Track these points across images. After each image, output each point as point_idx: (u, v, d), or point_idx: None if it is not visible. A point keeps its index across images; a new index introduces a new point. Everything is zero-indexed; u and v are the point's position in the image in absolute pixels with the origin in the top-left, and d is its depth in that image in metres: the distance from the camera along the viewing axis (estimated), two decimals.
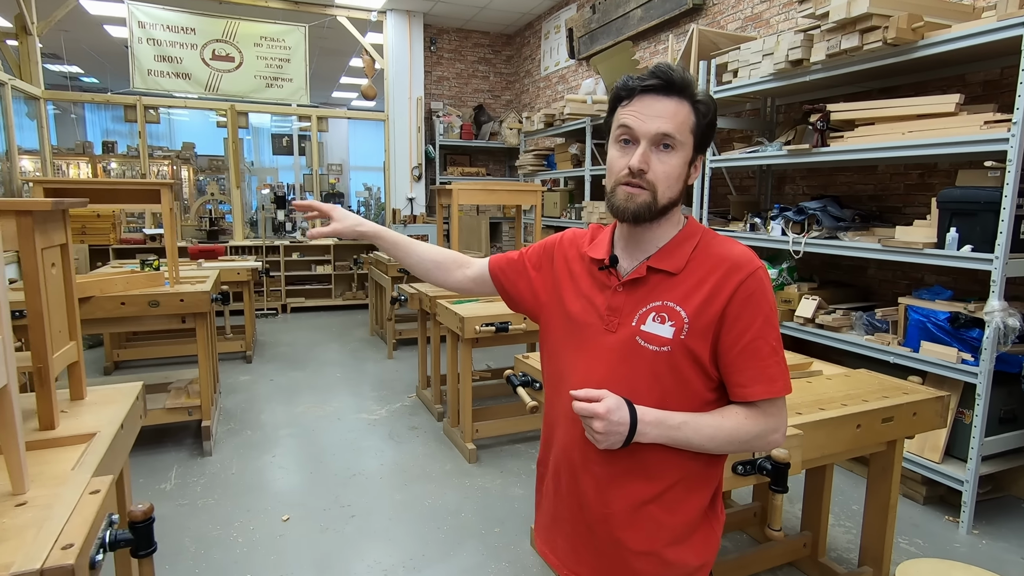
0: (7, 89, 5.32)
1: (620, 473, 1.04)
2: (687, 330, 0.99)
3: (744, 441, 1.02)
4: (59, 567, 0.92)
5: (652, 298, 1.03)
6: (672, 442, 1.00)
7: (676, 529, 1.06)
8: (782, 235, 3.35)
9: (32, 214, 1.38)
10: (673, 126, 0.98)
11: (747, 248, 1.05)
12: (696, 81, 3.74)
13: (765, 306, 1.00)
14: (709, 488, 1.09)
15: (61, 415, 1.53)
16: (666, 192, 1.01)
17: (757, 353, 0.99)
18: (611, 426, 0.95)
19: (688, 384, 1.01)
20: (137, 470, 3.01)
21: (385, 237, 1.29)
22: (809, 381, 1.98)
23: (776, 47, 3.26)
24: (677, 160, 1.00)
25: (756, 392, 1.00)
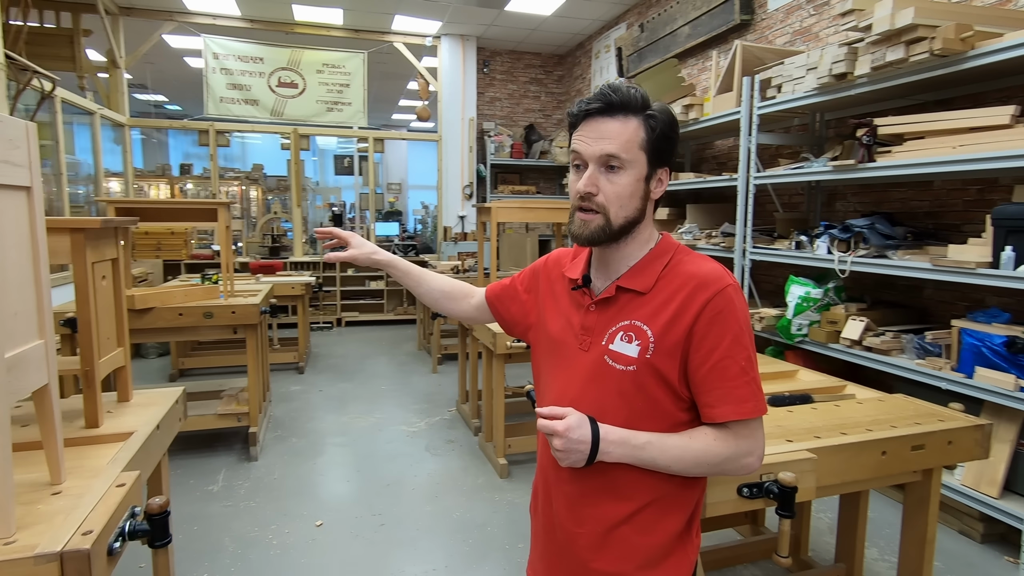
0: (96, 118, 5.83)
1: (590, 492, 1.04)
2: (652, 349, 0.99)
3: (713, 464, 0.99)
4: (76, 551, 1.02)
5: (621, 317, 1.03)
6: (637, 462, 0.99)
7: (648, 552, 1.04)
8: (827, 253, 3.23)
9: (84, 231, 1.53)
10: (617, 146, 0.98)
11: (719, 266, 1.03)
12: (740, 95, 3.70)
13: (734, 325, 0.98)
14: (684, 511, 1.07)
15: (107, 415, 1.67)
16: (620, 212, 1.00)
17: (725, 373, 0.97)
18: (571, 443, 0.95)
19: (657, 404, 1.00)
20: (189, 471, 3.20)
21: (398, 266, 1.33)
22: (837, 405, 1.91)
23: (820, 61, 3.18)
24: (627, 179, 0.99)
25: (724, 413, 0.98)
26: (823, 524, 2.76)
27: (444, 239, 7.70)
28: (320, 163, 14.57)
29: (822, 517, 2.82)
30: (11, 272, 1.11)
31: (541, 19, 6.91)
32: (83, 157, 6.60)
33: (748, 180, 3.77)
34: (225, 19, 6.86)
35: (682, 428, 1.02)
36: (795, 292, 3.40)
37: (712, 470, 1.00)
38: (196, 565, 2.37)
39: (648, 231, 1.08)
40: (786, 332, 3.44)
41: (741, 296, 1.00)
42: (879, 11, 2.72)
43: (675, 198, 5.00)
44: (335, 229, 1.34)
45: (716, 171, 5.01)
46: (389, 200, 12.59)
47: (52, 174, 5.25)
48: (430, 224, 10.49)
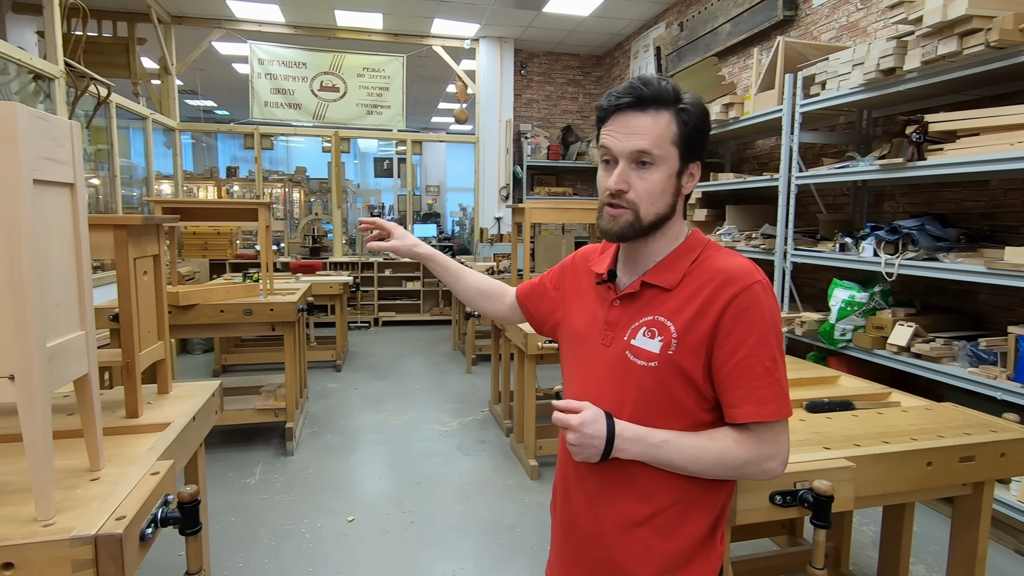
0: (148, 122, 6.08)
1: (608, 491, 1.02)
2: (675, 345, 0.97)
3: (733, 467, 0.96)
4: (109, 535, 1.05)
5: (644, 313, 1.02)
6: (654, 460, 0.97)
7: (669, 556, 1.00)
8: (873, 256, 3.11)
9: (127, 228, 1.58)
10: (649, 141, 0.95)
11: (747, 262, 1.00)
12: (782, 92, 3.60)
13: (760, 323, 0.94)
14: (708, 515, 1.03)
15: (146, 406, 1.73)
16: (650, 208, 0.99)
17: (748, 372, 0.94)
18: (584, 438, 0.94)
19: (678, 402, 0.98)
20: (228, 464, 3.29)
21: (438, 260, 1.33)
22: (879, 412, 1.83)
23: (867, 56, 3.06)
24: (659, 175, 0.97)
25: (744, 413, 0.95)
26: (866, 537, 2.65)
27: (480, 240, 7.74)
28: (361, 166, 14.85)
29: (865, 530, 2.71)
30: (54, 265, 1.15)
31: (579, 20, 6.88)
32: (137, 160, 6.89)
33: (790, 180, 3.66)
34: (270, 26, 7.06)
35: (704, 428, 0.99)
36: (838, 296, 3.28)
37: (732, 473, 0.97)
38: (232, 555, 2.43)
39: (678, 226, 1.06)
40: (828, 337, 3.32)
41: (770, 294, 0.97)
42: (930, 2, 2.61)
43: (714, 199, 4.90)
44: (378, 219, 1.34)
45: (757, 171, 4.88)
46: (427, 202, 12.73)
47: (108, 176, 5.49)
48: (467, 226, 10.56)
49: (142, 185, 6.77)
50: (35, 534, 1.04)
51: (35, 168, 1.07)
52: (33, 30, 6.14)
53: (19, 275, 1.04)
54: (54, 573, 1.03)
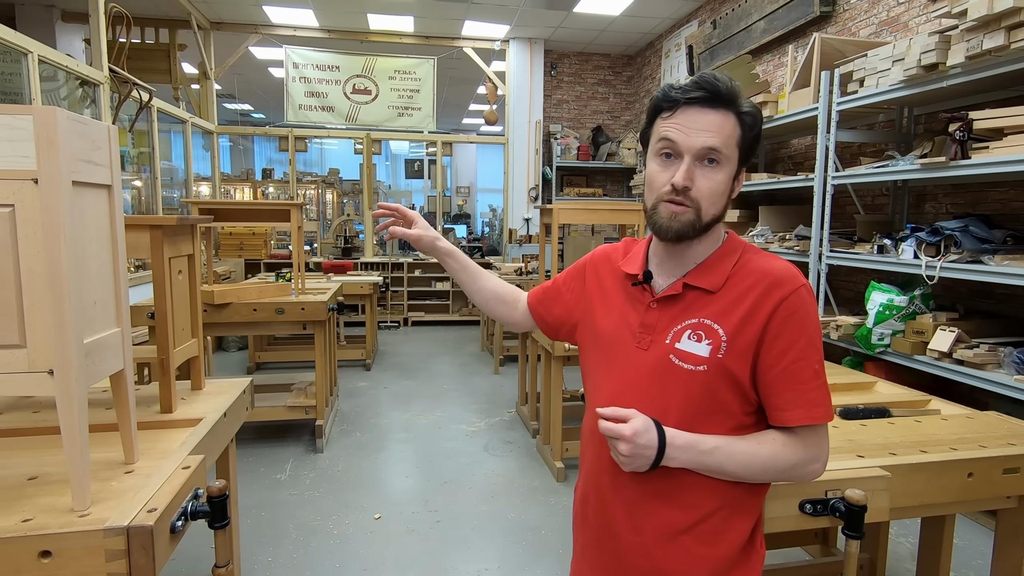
0: (188, 126, 6.26)
1: (651, 499, 1.00)
2: (725, 349, 0.95)
3: (781, 470, 0.96)
4: (141, 527, 1.08)
5: (688, 315, 0.99)
6: (703, 468, 0.96)
7: (714, 563, 0.99)
8: (913, 258, 3.00)
9: (162, 228, 1.63)
10: (720, 140, 0.94)
11: (790, 264, 0.99)
12: (818, 90, 3.51)
13: (809, 326, 0.95)
14: (749, 520, 1.02)
15: (180, 402, 1.77)
16: (710, 209, 0.97)
17: (798, 375, 0.94)
18: (637, 449, 0.92)
19: (724, 406, 0.97)
20: (260, 460, 3.36)
21: (457, 257, 1.29)
22: (918, 420, 1.76)
23: (907, 51, 2.97)
24: (722, 176, 0.96)
25: (795, 417, 0.94)
26: (903, 550, 2.56)
27: (509, 241, 7.75)
28: (392, 167, 15.02)
29: (903, 542, 2.62)
30: (92, 264, 1.19)
31: (610, 19, 6.83)
32: (177, 163, 7.10)
33: (826, 180, 3.57)
34: (305, 30, 7.20)
35: (746, 431, 0.98)
36: (876, 299, 3.18)
37: (778, 476, 0.97)
38: (262, 549, 2.48)
39: (721, 229, 1.05)
40: (865, 342, 3.22)
41: (813, 297, 0.98)
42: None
43: (747, 199, 4.81)
44: (399, 205, 1.30)
45: (791, 171, 4.78)
46: (458, 203, 12.81)
47: (149, 178, 5.68)
48: (497, 227, 10.59)
49: (182, 187, 6.97)
50: (71, 524, 1.08)
51: (74, 170, 1.10)
52: (80, 38, 6.39)
53: (58, 273, 1.07)
54: (88, 562, 1.06)
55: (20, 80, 3.84)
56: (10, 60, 3.98)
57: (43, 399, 1.76)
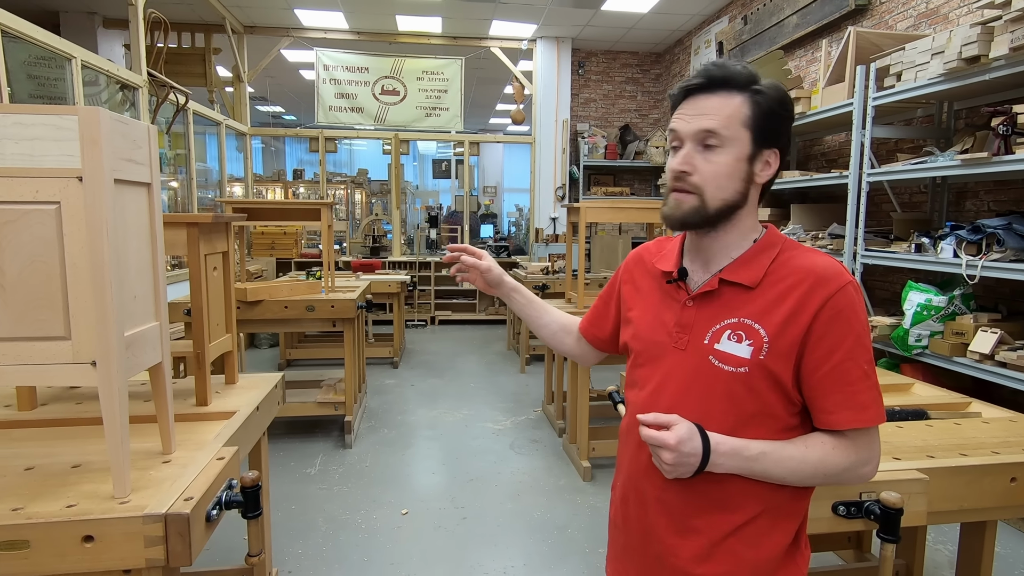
0: (222, 128, 6.41)
1: (694, 503, 0.97)
2: (767, 350, 0.92)
3: (831, 475, 0.93)
4: (178, 514, 1.11)
5: (726, 314, 0.96)
6: (749, 473, 0.93)
7: (758, 566, 0.97)
8: (953, 257, 2.91)
9: (198, 225, 1.67)
10: (717, 122, 0.92)
11: (835, 260, 0.95)
12: (853, 85, 3.43)
13: (857, 325, 0.90)
14: (794, 521, 0.99)
15: (215, 395, 1.82)
16: (716, 194, 0.94)
17: (845, 376, 0.90)
18: (681, 457, 0.89)
19: (768, 408, 0.94)
20: (290, 454, 3.43)
21: (523, 292, 1.30)
22: (957, 423, 1.71)
23: (947, 44, 2.88)
24: (726, 158, 0.93)
25: (843, 420, 0.91)
26: (942, 557, 2.49)
27: (536, 240, 7.74)
28: (420, 168, 15.15)
29: (940, 549, 2.54)
30: (132, 259, 1.23)
31: (638, 17, 6.78)
32: (212, 164, 7.27)
33: (861, 177, 3.48)
34: (335, 32, 7.30)
35: (791, 433, 0.95)
36: (914, 299, 3.10)
37: (828, 480, 0.94)
38: (292, 541, 2.53)
39: (751, 220, 1.00)
40: (902, 343, 3.14)
41: (860, 295, 0.93)
42: None
43: (778, 198, 4.72)
44: (465, 245, 1.30)
45: (824, 169, 4.67)
46: (484, 203, 12.85)
47: (185, 179, 5.83)
48: (523, 226, 10.59)
49: (216, 188, 7.14)
50: (112, 510, 1.12)
51: (116, 168, 1.14)
52: (120, 43, 6.60)
53: (101, 268, 1.11)
54: (128, 548, 1.10)
55: (64, 85, 3.99)
56: (54, 66, 4.13)
57: (86, 391, 1.82)
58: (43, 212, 1.09)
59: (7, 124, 1.07)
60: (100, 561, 1.09)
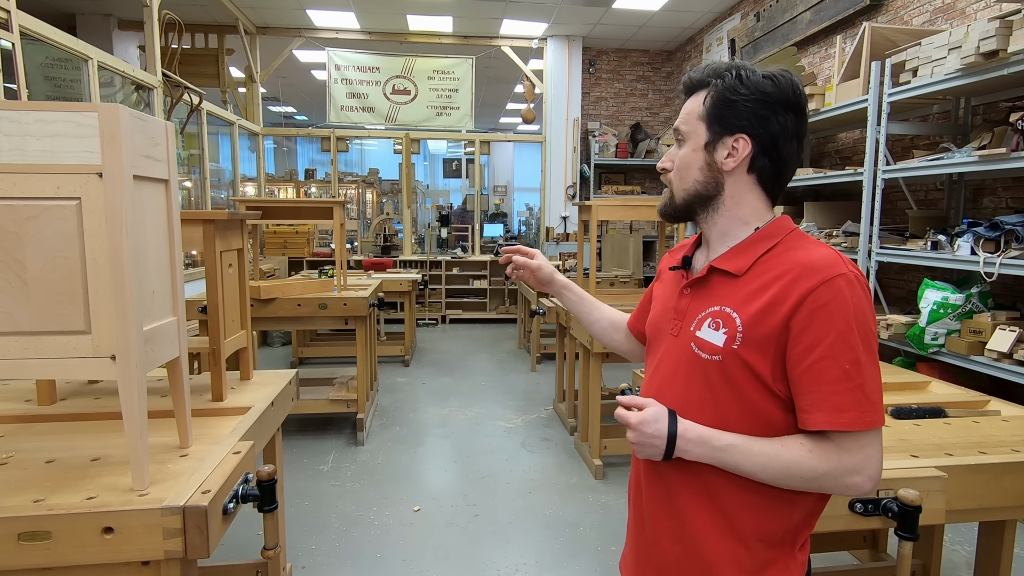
0: (235, 128, 6.46)
1: (681, 490, 0.98)
2: (740, 339, 0.90)
3: (808, 478, 0.88)
4: (196, 507, 1.12)
5: (711, 302, 0.97)
6: (719, 464, 0.92)
7: (741, 563, 0.95)
8: (971, 254, 2.88)
9: (214, 222, 1.69)
10: (681, 119, 1.00)
11: (833, 252, 0.91)
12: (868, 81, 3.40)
13: (840, 320, 0.85)
14: (784, 520, 0.94)
15: (230, 391, 1.83)
16: (680, 184, 1.01)
17: (822, 376, 0.85)
18: (644, 437, 0.92)
19: (746, 399, 0.92)
20: (303, 451, 3.45)
21: (574, 290, 1.33)
22: (976, 421, 1.69)
23: (965, 39, 2.84)
24: (685, 150, 1.00)
25: (817, 420, 0.86)
26: (959, 558, 2.46)
27: (546, 239, 7.74)
28: (430, 167, 15.18)
29: (958, 549, 2.51)
30: (151, 255, 1.24)
31: (649, 15, 6.75)
32: (225, 164, 7.33)
33: (876, 174, 3.45)
34: (347, 32, 7.34)
35: (781, 430, 0.92)
36: (930, 297, 3.06)
37: (806, 485, 0.89)
38: (305, 537, 2.55)
39: (746, 209, 0.98)
40: (918, 342, 3.10)
41: (856, 288, 0.87)
42: None
43: (791, 196, 4.69)
44: (519, 246, 1.34)
45: (838, 166, 4.63)
46: (495, 202, 12.86)
47: (199, 179, 5.88)
48: (534, 225, 10.58)
49: (229, 187, 7.20)
50: (131, 502, 1.13)
51: (135, 165, 1.16)
52: (135, 45, 6.67)
53: (121, 263, 1.13)
54: (148, 539, 1.11)
55: (80, 86, 4.03)
56: (71, 67, 4.19)
57: (104, 387, 1.85)
58: (64, 208, 1.11)
59: (29, 121, 1.08)
60: (120, 552, 1.11)
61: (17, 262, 1.12)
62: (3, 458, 1.33)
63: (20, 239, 1.11)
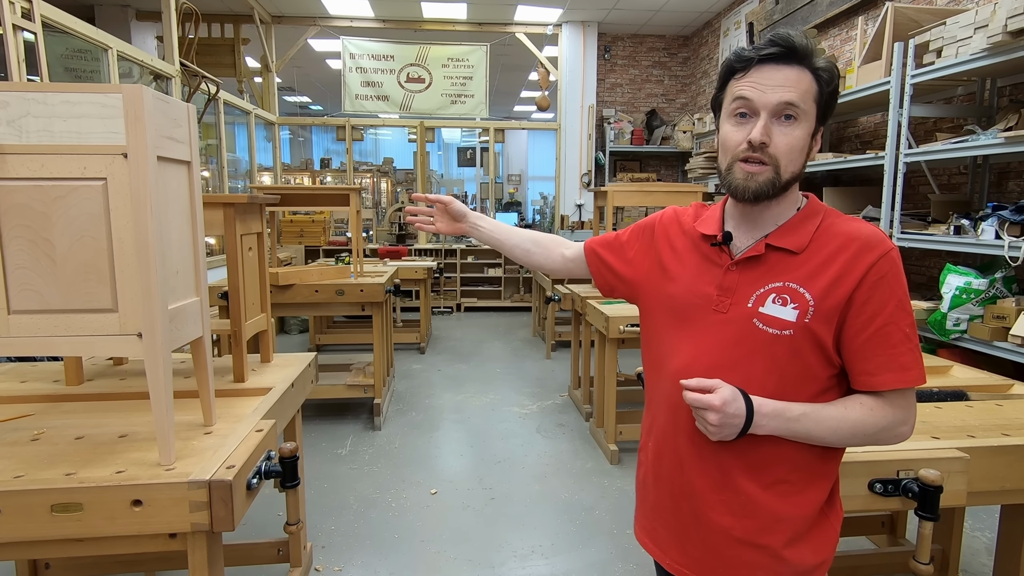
0: (251, 117, 6.50)
1: (732, 465, 1.00)
2: (812, 313, 0.94)
3: (870, 434, 0.96)
4: (221, 481, 1.15)
5: (771, 278, 0.98)
6: (791, 434, 0.96)
7: (792, 524, 0.99)
8: (995, 239, 2.82)
9: (234, 206, 1.71)
10: (796, 94, 0.92)
11: (876, 227, 0.97)
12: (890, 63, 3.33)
13: (899, 290, 0.94)
14: (826, 481, 1.02)
15: (251, 373, 1.87)
16: (789, 166, 0.95)
17: (888, 339, 0.93)
18: (726, 419, 0.92)
19: (809, 370, 0.96)
20: (322, 436, 3.50)
21: (487, 219, 1.30)
22: (999, 404, 1.67)
23: (992, 17, 2.77)
24: (800, 131, 0.94)
25: (886, 381, 0.94)
26: (980, 544, 2.44)
27: (561, 227, 7.72)
28: (445, 156, 15.18)
29: (978, 536, 2.49)
30: (174, 235, 1.27)
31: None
32: (241, 154, 7.39)
33: (897, 158, 3.39)
34: (361, 20, 7.33)
35: (829, 395, 0.98)
36: (952, 282, 3.02)
37: (867, 440, 0.97)
38: (325, 518, 2.59)
39: (798, 190, 1.03)
40: (939, 328, 3.06)
41: (901, 260, 0.96)
42: None
43: (810, 181, 4.62)
44: (428, 196, 1.29)
45: (859, 150, 4.55)
46: (509, 191, 12.83)
47: (216, 169, 5.94)
48: (548, 214, 10.54)
49: (245, 177, 7.26)
50: (159, 476, 1.16)
51: (158, 146, 1.17)
52: (152, 35, 6.72)
53: (146, 243, 1.15)
54: (174, 512, 1.14)
55: (99, 77, 4.08)
56: (90, 58, 4.23)
57: (130, 368, 1.89)
58: (91, 188, 1.13)
59: (56, 103, 1.10)
60: (148, 524, 1.14)
61: (46, 241, 1.14)
62: (35, 434, 1.37)
63: (49, 219, 1.14)
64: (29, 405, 1.57)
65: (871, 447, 1.32)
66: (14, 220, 1.13)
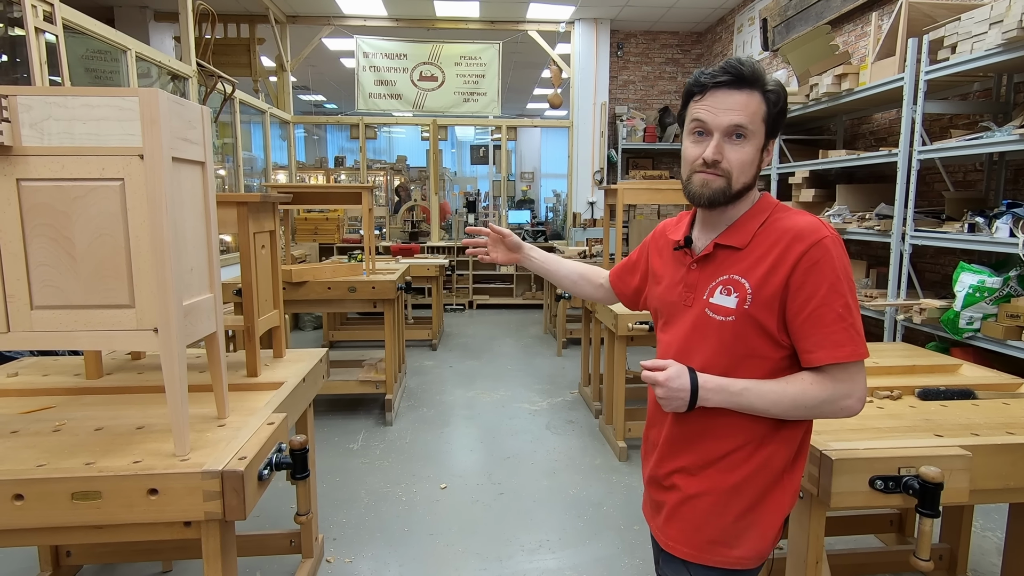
0: (267, 116, 6.58)
1: (689, 433, 1.14)
2: (750, 300, 1.06)
3: (811, 406, 1.05)
4: (233, 471, 1.19)
5: (719, 272, 1.11)
6: (737, 407, 1.07)
7: (737, 486, 1.10)
8: (1010, 236, 2.79)
9: (247, 204, 1.75)
10: (745, 117, 1.04)
11: (815, 219, 1.08)
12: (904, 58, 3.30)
13: (830, 274, 1.03)
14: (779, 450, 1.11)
15: (263, 367, 1.91)
16: (740, 178, 1.08)
17: (821, 320, 1.03)
18: (671, 392, 1.06)
19: (755, 351, 1.08)
20: (334, 430, 3.55)
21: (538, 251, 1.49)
22: (1006, 403, 1.67)
23: (1007, 12, 2.74)
24: (750, 147, 1.07)
25: (820, 357, 1.03)
26: (989, 544, 2.42)
27: (573, 225, 7.72)
28: (458, 154, 15.23)
29: (989, 536, 2.48)
30: (188, 233, 1.31)
31: None
32: (256, 153, 7.48)
33: (911, 155, 3.35)
34: (375, 19, 7.38)
35: (783, 373, 1.09)
36: (965, 281, 2.98)
37: (811, 412, 1.06)
38: (336, 511, 2.64)
39: (753, 194, 1.14)
40: (952, 326, 3.03)
41: (839, 246, 1.05)
42: None
43: (823, 179, 4.59)
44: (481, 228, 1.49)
45: (873, 147, 4.51)
46: (522, 188, 12.84)
47: (232, 167, 6.02)
48: (560, 212, 10.54)
49: (261, 175, 7.35)
50: (174, 466, 1.20)
51: (173, 147, 1.21)
52: (170, 36, 6.83)
53: (161, 241, 1.19)
54: (189, 501, 1.18)
55: (119, 78, 4.16)
56: (110, 59, 4.31)
57: (147, 363, 1.94)
58: (109, 188, 1.17)
59: (76, 105, 1.15)
60: (164, 512, 1.18)
61: (67, 239, 1.19)
62: (57, 425, 1.42)
63: (69, 218, 1.18)
64: (51, 397, 1.63)
65: (871, 443, 1.35)
66: (37, 219, 1.18)
